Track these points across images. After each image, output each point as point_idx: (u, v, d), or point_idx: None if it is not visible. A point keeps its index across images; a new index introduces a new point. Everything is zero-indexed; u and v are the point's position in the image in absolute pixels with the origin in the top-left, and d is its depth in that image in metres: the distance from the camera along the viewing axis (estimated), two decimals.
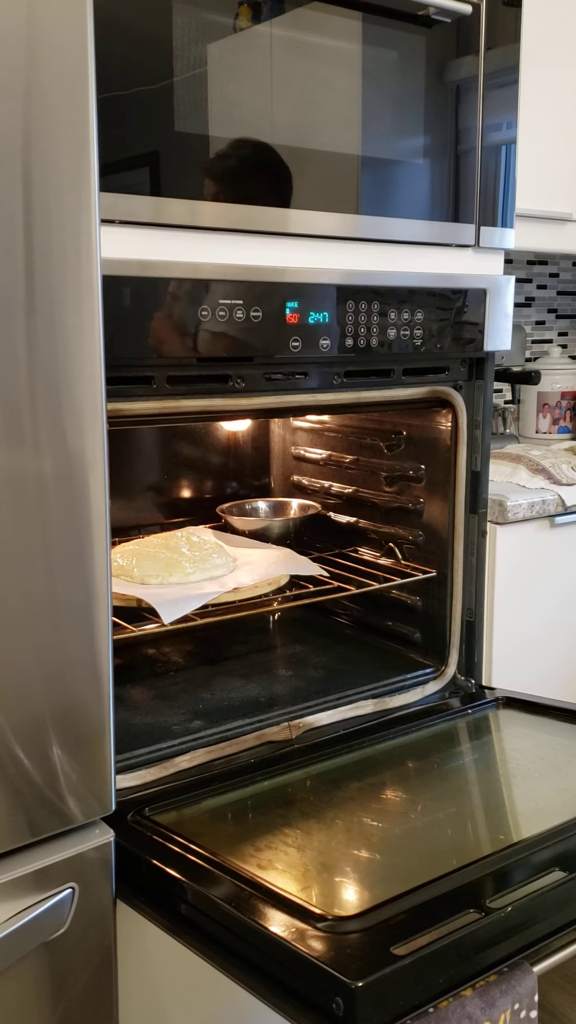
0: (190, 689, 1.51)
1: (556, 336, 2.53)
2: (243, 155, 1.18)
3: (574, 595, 1.77)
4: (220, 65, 1.14)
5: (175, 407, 1.21)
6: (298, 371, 1.30)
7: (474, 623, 1.57)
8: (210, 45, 1.13)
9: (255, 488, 1.95)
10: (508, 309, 1.46)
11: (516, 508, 1.62)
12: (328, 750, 1.33)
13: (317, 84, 1.22)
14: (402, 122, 1.32)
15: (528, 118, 1.53)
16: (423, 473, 1.60)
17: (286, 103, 1.20)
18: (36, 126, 0.86)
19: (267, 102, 1.19)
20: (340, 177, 1.27)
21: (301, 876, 1.02)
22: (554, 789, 1.21)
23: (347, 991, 0.79)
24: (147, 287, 1.11)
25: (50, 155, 0.87)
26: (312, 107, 1.22)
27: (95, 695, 0.97)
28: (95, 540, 0.95)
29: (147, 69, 1.09)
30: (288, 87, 1.20)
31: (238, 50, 1.15)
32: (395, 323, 1.34)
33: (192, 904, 0.97)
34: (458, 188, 1.39)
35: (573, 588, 1.77)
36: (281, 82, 1.19)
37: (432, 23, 1.33)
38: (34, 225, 0.86)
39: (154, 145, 1.12)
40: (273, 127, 1.19)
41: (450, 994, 0.86)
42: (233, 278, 1.18)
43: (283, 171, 1.22)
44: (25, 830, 0.94)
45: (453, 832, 1.12)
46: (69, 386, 0.91)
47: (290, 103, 1.20)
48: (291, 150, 1.22)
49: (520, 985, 0.92)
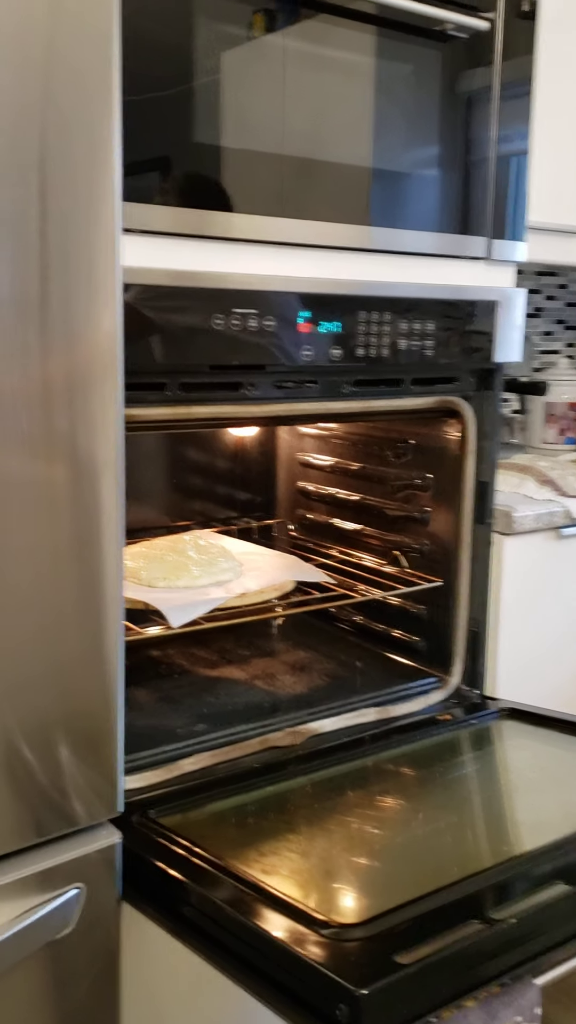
0: (194, 692, 1.51)
1: (564, 347, 2.54)
2: (255, 167, 1.19)
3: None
4: (234, 77, 1.15)
5: (187, 413, 1.22)
6: (308, 379, 1.31)
7: (479, 633, 1.57)
8: (224, 57, 1.14)
9: (260, 494, 1.96)
10: (519, 321, 1.47)
11: (523, 519, 1.63)
12: (331, 757, 1.34)
13: (331, 96, 1.23)
14: (416, 135, 1.33)
15: (539, 131, 1.54)
16: (430, 482, 1.61)
17: (299, 115, 1.21)
18: (52, 139, 0.87)
19: (279, 114, 1.20)
20: (353, 189, 1.28)
21: (305, 882, 1.03)
22: (557, 802, 1.22)
23: (352, 998, 0.80)
24: (162, 295, 1.12)
25: (68, 162, 0.88)
26: (325, 119, 1.23)
27: (106, 698, 0.98)
28: (109, 544, 0.95)
29: (162, 79, 1.10)
30: (302, 99, 1.21)
31: (251, 62, 1.16)
32: (405, 333, 1.35)
33: (196, 907, 0.98)
34: (471, 201, 1.40)
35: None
36: (295, 94, 1.20)
37: (448, 38, 1.34)
38: (49, 232, 0.87)
39: (169, 154, 1.13)
40: (285, 139, 1.20)
41: (452, 1004, 0.87)
42: (247, 287, 1.19)
43: (295, 182, 1.23)
44: (34, 830, 0.95)
45: (455, 842, 1.12)
46: (86, 391, 0.92)
47: (303, 115, 1.21)
48: (304, 161, 1.23)
49: (522, 997, 0.92)
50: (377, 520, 1.74)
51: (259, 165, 1.19)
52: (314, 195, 1.24)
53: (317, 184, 1.24)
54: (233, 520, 1.92)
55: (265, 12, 1.17)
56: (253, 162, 1.18)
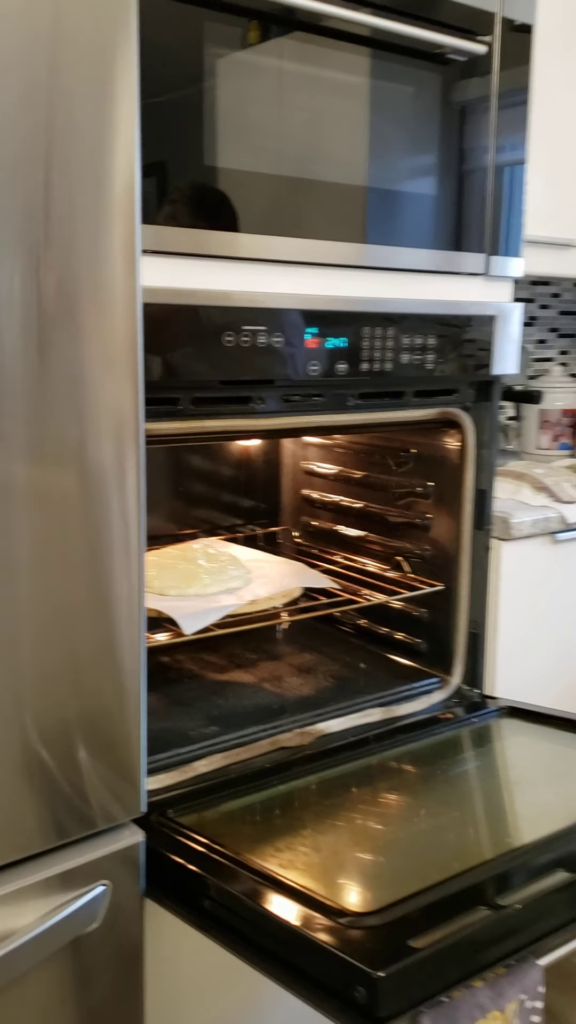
0: (204, 696, 1.56)
1: (557, 355, 2.60)
2: (258, 187, 1.23)
3: (574, 609, 1.84)
4: (235, 98, 1.19)
5: (199, 427, 1.27)
6: (315, 393, 1.36)
7: (479, 635, 1.63)
8: (224, 78, 1.18)
9: (264, 502, 2.01)
10: (515, 335, 1.53)
11: (520, 525, 1.68)
12: (339, 756, 1.39)
13: (330, 117, 1.28)
14: (415, 154, 1.38)
15: (534, 146, 1.59)
16: (431, 490, 1.66)
17: (298, 136, 1.26)
18: (58, 159, 0.90)
19: (280, 135, 1.24)
20: (355, 208, 1.34)
21: (319, 874, 1.08)
22: (556, 795, 1.27)
23: (370, 981, 0.85)
24: (176, 314, 1.18)
25: (78, 179, 0.93)
26: (323, 139, 1.28)
27: (125, 702, 1.03)
28: (132, 551, 1.00)
29: (162, 103, 1.15)
30: (301, 120, 1.26)
31: (251, 84, 1.20)
32: (408, 348, 1.40)
33: (217, 900, 1.03)
34: (469, 218, 1.45)
35: (574, 602, 1.83)
36: (294, 115, 1.25)
37: (447, 61, 1.39)
38: (50, 250, 0.92)
39: (175, 177, 1.17)
40: (285, 159, 1.25)
41: (462, 984, 0.92)
42: (256, 305, 1.24)
43: (297, 202, 1.28)
44: (62, 831, 1.00)
45: (459, 835, 1.18)
46: (106, 405, 0.97)
47: (303, 135, 1.26)
48: (305, 182, 1.27)
49: (527, 977, 0.98)
50: (379, 526, 1.79)
51: (261, 185, 1.24)
52: (317, 214, 1.29)
53: (321, 203, 1.29)
54: (239, 528, 1.97)
55: (265, 32, 1.22)
56: (255, 183, 1.23)
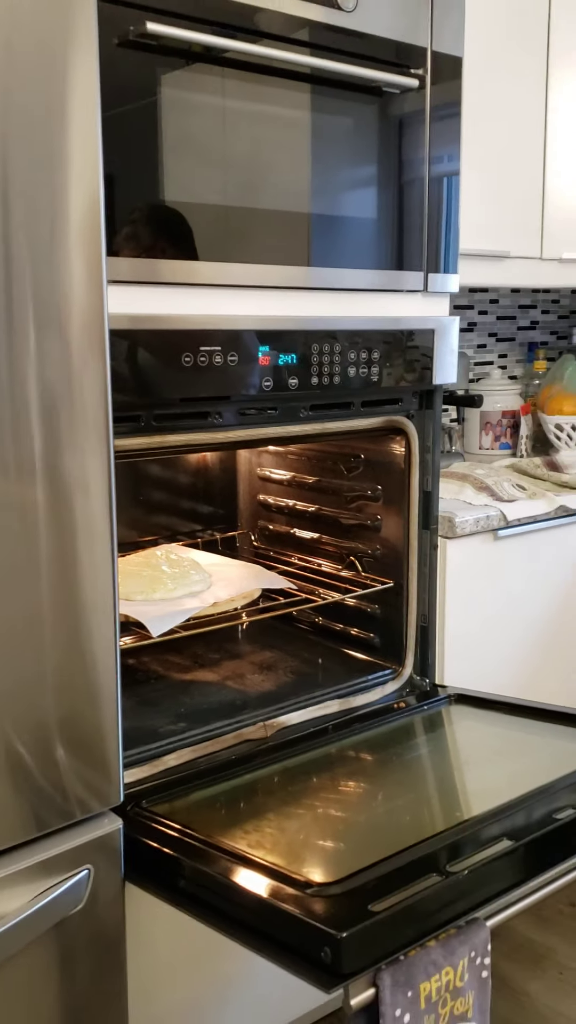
0: (171, 695, 1.63)
1: (496, 358, 2.72)
2: (205, 217, 1.31)
3: (515, 601, 1.95)
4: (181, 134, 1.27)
5: (161, 442, 1.35)
6: (269, 406, 1.45)
7: (427, 628, 1.73)
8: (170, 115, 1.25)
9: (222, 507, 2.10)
10: (454, 346, 1.63)
11: (463, 524, 1.79)
12: (299, 746, 1.47)
13: (274, 150, 1.37)
14: (355, 181, 1.48)
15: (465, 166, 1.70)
16: (380, 493, 1.76)
17: (243, 168, 1.34)
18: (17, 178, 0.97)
19: (224, 168, 1.32)
20: (297, 233, 1.43)
21: (285, 852, 1.17)
22: (502, 773, 1.37)
23: (334, 941, 0.94)
24: (137, 338, 1.26)
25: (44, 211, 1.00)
26: (269, 170, 1.37)
27: (105, 702, 1.11)
28: (103, 560, 1.08)
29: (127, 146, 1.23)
30: (247, 153, 1.34)
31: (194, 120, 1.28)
32: (354, 362, 1.50)
33: (191, 879, 1.12)
34: (409, 239, 1.55)
35: (514, 595, 1.95)
36: (239, 149, 1.33)
37: (382, 93, 1.49)
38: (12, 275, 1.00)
39: (136, 211, 1.25)
40: (232, 192, 1.33)
41: (417, 944, 1.02)
42: (213, 327, 1.33)
43: (246, 230, 1.36)
44: (42, 823, 1.08)
45: (414, 811, 1.27)
46: (77, 423, 1.05)
47: (247, 168, 1.34)
48: (252, 211, 1.36)
49: (476, 936, 1.08)
50: (333, 528, 1.89)
51: (212, 216, 1.32)
52: (266, 240, 1.38)
53: (269, 230, 1.38)
54: (198, 533, 2.05)
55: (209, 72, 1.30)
56: (205, 214, 1.31)
